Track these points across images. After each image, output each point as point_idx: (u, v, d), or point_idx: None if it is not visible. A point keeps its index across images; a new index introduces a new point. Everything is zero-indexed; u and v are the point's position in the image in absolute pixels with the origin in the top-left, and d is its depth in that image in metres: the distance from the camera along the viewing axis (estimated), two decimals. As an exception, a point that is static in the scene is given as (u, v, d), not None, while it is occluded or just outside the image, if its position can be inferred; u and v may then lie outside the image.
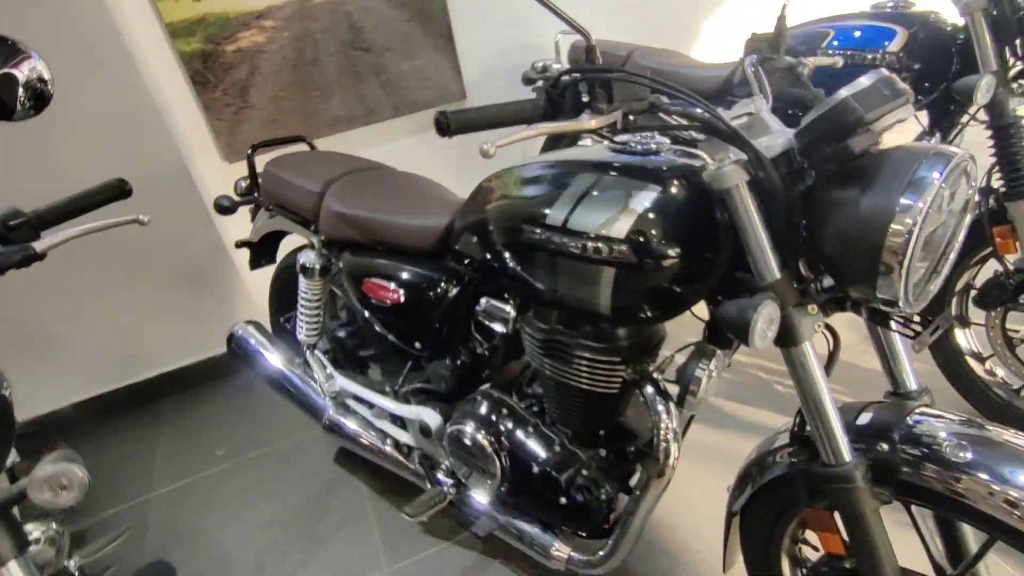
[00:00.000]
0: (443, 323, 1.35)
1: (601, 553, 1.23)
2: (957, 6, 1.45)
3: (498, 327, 1.27)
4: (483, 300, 1.29)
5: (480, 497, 1.39)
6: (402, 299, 1.36)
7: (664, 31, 2.77)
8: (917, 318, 0.92)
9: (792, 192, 0.82)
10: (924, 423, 0.90)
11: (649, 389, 1.13)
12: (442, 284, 1.33)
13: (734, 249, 0.94)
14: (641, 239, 0.93)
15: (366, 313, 1.46)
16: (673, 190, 0.94)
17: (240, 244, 1.94)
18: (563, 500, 1.21)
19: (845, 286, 0.84)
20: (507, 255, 1.15)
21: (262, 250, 1.95)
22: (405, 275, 1.36)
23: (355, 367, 1.71)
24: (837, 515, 0.95)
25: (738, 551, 1.24)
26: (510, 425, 1.28)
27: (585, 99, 0.85)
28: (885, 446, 0.89)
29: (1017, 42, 1.42)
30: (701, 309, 1.05)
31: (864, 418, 0.95)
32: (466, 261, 1.29)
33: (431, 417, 1.40)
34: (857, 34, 1.69)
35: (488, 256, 1.19)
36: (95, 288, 2.24)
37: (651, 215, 0.93)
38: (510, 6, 2.55)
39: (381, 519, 1.82)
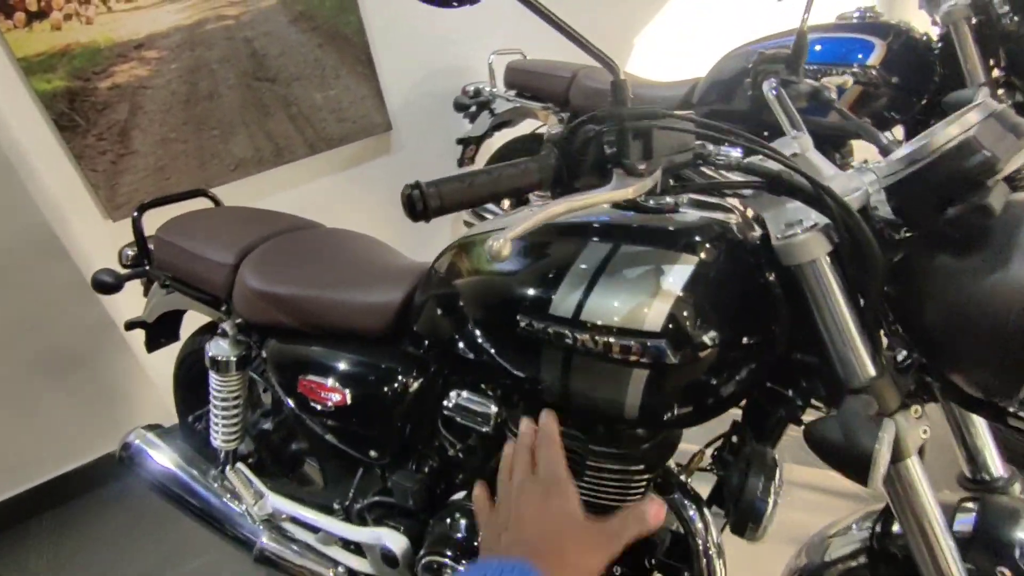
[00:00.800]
0: (404, 424, 1.08)
1: None
2: (935, 15, 1.34)
3: (475, 426, 1.01)
4: (453, 394, 1.02)
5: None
6: (349, 400, 1.07)
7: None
8: None
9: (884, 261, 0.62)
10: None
11: (676, 495, 0.91)
12: (400, 376, 1.06)
13: (793, 322, 0.74)
14: (682, 327, 0.70)
15: (298, 413, 1.16)
16: (713, 259, 0.72)
17: (131, 325, 1.58)
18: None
19: (951, 374, 0.65)
20: (489, 343, 0.89)
21: (161, 329, 1.60)
22: (352, 368, 1.08)
23: (289, 473, 1.39)
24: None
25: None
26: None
27: (610, 150, 0.62)
28: (1006, 572, 0.70)
29: (1001, 51, 1.32)
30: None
31: (963, 523, 0.77)
32: (431, 347, 1.03)
33: (395, 541, 1.12)
34: (818, 48, 1.57)
35: (461, 342, 0.93)
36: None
37: (692, 296, 0.70)
38: (434, 25, 2.30)
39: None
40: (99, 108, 1.86)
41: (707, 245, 0.73)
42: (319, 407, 1.10)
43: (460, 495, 1.09)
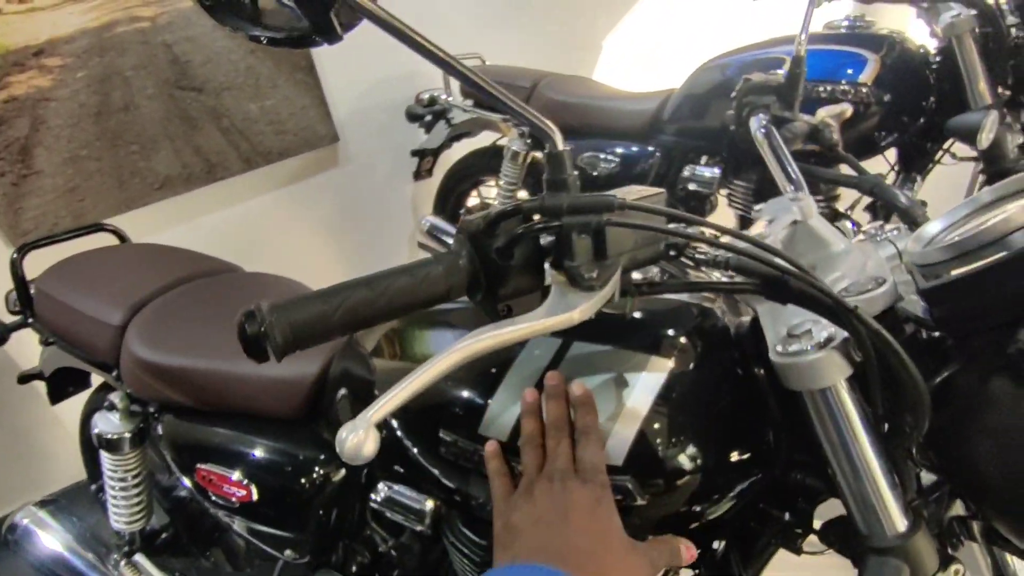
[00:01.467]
0: (325, 519, 0.90)
1: None
2: (935, 26, 1.20)
3: (408, 524, 0.84)
4: (381, 486, 0.85)
5: None
6: (256, 496, 0.89)
7: (562, 54, 2.43)
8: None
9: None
10: None
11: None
12: (317, 466, 0.88)
13: (792, 439, 0.58)
14: (652, 459, 0.54)
15: (207, 507, 0.97)
16: (692, 359, 0.56)
17: (25, 377, 1.37)
18: None
19: (1008, 525, 0.50)
20: (414, 446, 0.73)
21: (63, 379, 1.39)
22: (259, 457, 0.90)
23: (205, 553, 1.20)
24: None
25: None
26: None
27: (547, 245, 0.45)
28: None
29: (1008, 68, 1.18)
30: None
31: None
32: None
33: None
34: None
35: (384, 431, 0.76)
36: None
37: (664, 412, 0.54)
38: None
39: None
40: (-5, 124, 1.63)
41: (683, 341, 0.57)
42: (221, 501, 0.91)
43: (396, 598, 0.92)
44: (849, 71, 1.29)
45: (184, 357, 0.93)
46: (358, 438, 0.38)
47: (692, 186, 1.43)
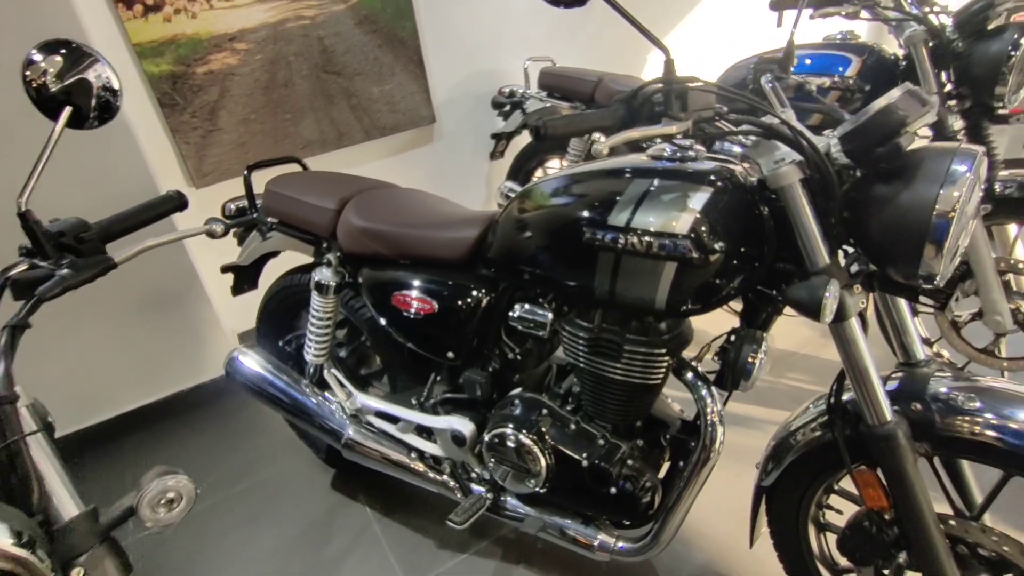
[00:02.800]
0: (476, 331, 1.39)
1: (646, 539, 1.30)
2: (899, 38, 1.69)
3: (533, 331, 1.33)
4: (517, 307, 1.34)
5: (519, 499, 1.42)
6: (436, 310, 1.38)
7: (617, 59, 2.97)
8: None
9: (840, 188, 0.95)
10: (942, 382, 1.05)
11: (691, 376, 1.23)
12: (476, 293, 1.37)
13: (778, 242, 1.05)
14: (702, 234, 1.02)
15: (385, 326, 1.47)
16: (723, 190, 1.04)
17: (227, 268, 1.88)
18: (612, 490, 1.26)
19: (887, 267, 0.97)
20: (553, 260, 1.21)
21: (246, 276, 1.90)
22: (439, 286, 1.39)
23: (359, 386, 1.69)
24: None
25: (763, 525, 1.34)
26: (552, 424, 1.33)
27: (659, 107, 0.95)
28: (918, 405, 1.02)
29: (951, 68, 1.67)
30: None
31: (891, 385, 1.09)
32: (502, 270, 1.34)
33: (464, 425, 1.42)
34: (808, 61, 1.92)
35: (530, 263, 1.25)
36: (44, 324, 2.07)
37: (708, 212, 1.03)
38: (477, 34, 2.65)
39: (391, 539, 1.79)
40: (195, 90, 2.18)
41: (719, 181, 1.06)
42: (408, 316, 1.41)
43: (516, 391, 1.41)
44: (840, 68, 1.79)
45: (389, 224, 1.44)
46: (601, 146, 0.86)
47: None
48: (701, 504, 1.74)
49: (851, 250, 1.04)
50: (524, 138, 2.79)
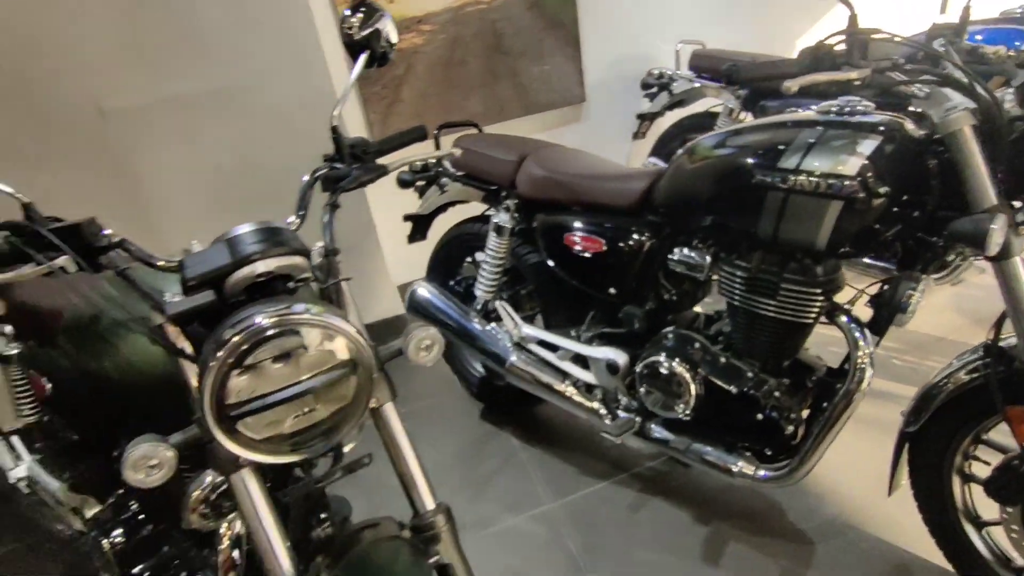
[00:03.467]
0: (638, 271, 1.56)
1: (785, 470, 1.41)
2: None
3: (691, 273, 1.48)
4: (677, 250, 1.50)
5: (664, 425, 1.58)
6: (605, 249, 1.57)
7: (768, 42, 3.02)
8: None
9: (1011, 136, 1.03)
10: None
11: (844, 319, 1.33)
12: (642, 237, 1.54)
13: (941, 191, 1.14)
14: (868, 177, 1.13)
15: (553, 266, 1.68)
16: (890, 139, 1.15)
17: (408, 217, 2.18)
18: (759, 416, 1.39)
19: None
20: (721, 205, 1.36)
21: (421, 226, 2.19)
22: (609, 229, 1.58)
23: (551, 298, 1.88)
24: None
25: (904, 476, 1.40)
26: (704, 356, 1.47)
27: (840, 60, 1.07)
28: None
29: None
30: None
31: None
32: (669, 216, 1.50)
33: (619, 356, 1.60)
34: (979, 37, 1.91)
35: (698, 209, 1.41)
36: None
37: (876, 158, 1.14)
38: (632, 18, 2.82)
39: (535, 464, 2.01)
40: (387, 65, 2.51)
41: (887, 131, 1.16)
42: (579, 255, 1.61)
43: (670, 328, 1.56)
44: (1016, 42, 1.78)
45: (566, 174, 1.64)
46: (790, 84, 1.00)
47: None
48: (838, 452, 1.80)
49: (1018, 204, 1.11)
50: (667, 119, 2.92)
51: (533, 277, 1.87)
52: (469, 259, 2.17)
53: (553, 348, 1.76)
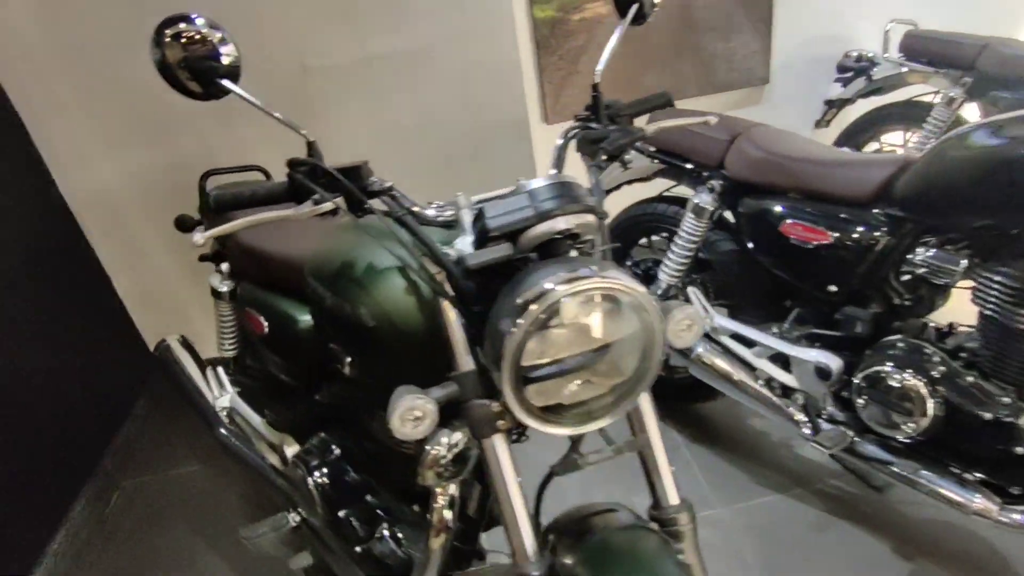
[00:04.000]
0: (867, 269, 1.40)
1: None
2: None
3: (937, 277, 1.30)
4: (921, 250, 1.32)
5: (880, 445, 1.42)
6: (831, 241, 1.42)
7: (995, 23, 2.66)
8: None
9: None
10: None
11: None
12: (877, 232, 1.37)
13: None
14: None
15: (760, 255, 1.54)
16: None
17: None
18: (1018, 450, 1.21)
19: None
20: (997, 204, 1.17)
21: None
22: (839, 220, 1.42)
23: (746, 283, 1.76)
24: None
25: None
26: (945, 372, 1.29)
27: None
28: None
29: None
30: None
31: None
32: (920, 211, 1.32)
33: (832, 360, 1.45)
34: None
35: (963, 206, 1.23)
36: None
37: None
38: (835, -6, 2.57)
39: (702, 463, 1.89)
40: (567, 35, 2.43)
41: None
42: (797, 245, 1.47)
43: (896, 336, 1.39)
44: None
45: (791, 157, 1.50)
46: None
47: None
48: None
49: None
50: (858, 108, 2.65)
51: (725, 266, 1.74)
52: (644, 241, 2.07)
53: (748, 344, 1.63)
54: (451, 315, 0.80)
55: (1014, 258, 1.19)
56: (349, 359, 1.04)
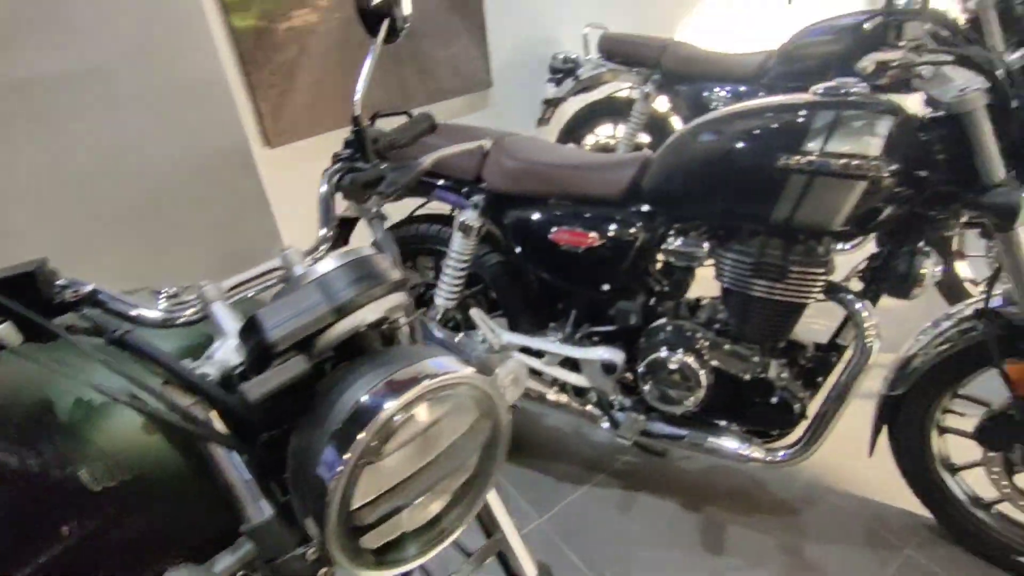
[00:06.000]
0: (633, 264, 1.48)
1: (799, 446, 1.43)
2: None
3: (686, 263, 1.44)
4: (671, 240, 1.45)
5: (665, 420, 1.54)
6: (599, 243, 1.47)
7: (662, 25, 3.10)
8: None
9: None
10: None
11: (844, 295, 1.36)
12: (635, 228, 1.46)
13: (945, 168, 1.19)
14: (889, 155, 1.16)
15: (532, 264, 1.56)
16: (902, 119, 1.18)
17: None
18: (773, 399, 1.39)
19: None
20: (730, 191, 1.32)
21: (345, 231, 1.92)
22: (602, 221, 1.47)
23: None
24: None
25: (882, 435, 1.50)
26: (709, 346, 1.44)
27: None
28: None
29: None
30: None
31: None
32: (664, 204, 1.44)
33: (615, 354, 1.52)
34: None
35: (699, 197, 1.36)
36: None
37: (892, 137, 1.16)
38: (536, 1, 2.72)
39: (514, 480, 1.87)
40: (275, 47, 2.17)
41: (896, 112, 1.19)
42: (568, 251, 1.49)
43: (662, 320, 1.51)
44: None
45: (542, 163, 1.51)
46: (867, 64, 0.97)
47: None
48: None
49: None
50: (573, 104, 2.89)
51: (496, 279, 1.72)
52: (409, 264, 1.95)
53: (537, 354, 1.63)
54: (225, 460, 0.59)
55: (746, 237, 1.36)
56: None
